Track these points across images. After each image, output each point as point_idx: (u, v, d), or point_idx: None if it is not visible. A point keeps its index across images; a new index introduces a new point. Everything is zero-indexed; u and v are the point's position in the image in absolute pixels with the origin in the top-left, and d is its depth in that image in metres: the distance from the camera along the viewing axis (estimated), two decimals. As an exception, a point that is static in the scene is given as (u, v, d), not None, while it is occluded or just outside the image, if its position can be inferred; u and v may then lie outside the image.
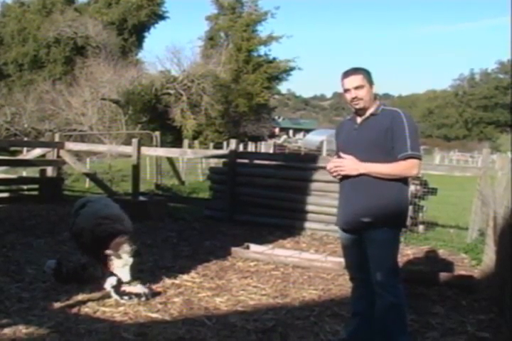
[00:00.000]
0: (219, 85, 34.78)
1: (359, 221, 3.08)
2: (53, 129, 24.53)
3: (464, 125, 65.11)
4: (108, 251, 4.19)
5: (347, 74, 3.16)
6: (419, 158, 3.07)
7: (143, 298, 4.12)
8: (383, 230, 3.07)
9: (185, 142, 18.50)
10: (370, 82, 3.16)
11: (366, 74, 3.16)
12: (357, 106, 3.15)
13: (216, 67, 34.82)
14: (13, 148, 19.14)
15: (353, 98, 3.12)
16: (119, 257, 4.18)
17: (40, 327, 3.50)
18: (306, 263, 5.47)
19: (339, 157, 3.20)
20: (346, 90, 3.16)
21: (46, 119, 29.98)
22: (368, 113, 3.17)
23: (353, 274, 3.35)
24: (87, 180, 12.56)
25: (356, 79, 3.12)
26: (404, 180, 3.14)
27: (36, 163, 9.99)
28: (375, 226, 3.06)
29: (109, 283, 4.14)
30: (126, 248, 4.18)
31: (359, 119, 3.21)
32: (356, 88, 3.11)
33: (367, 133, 3.12)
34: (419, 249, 6.49)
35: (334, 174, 3.16)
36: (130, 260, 4.20)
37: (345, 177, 3.14)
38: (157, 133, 14.44)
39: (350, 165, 3.08)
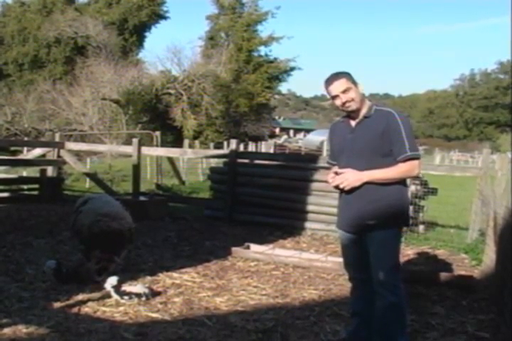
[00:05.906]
0: (219, 85, 34.78)
1: (364, 224, 3.08)
2: (54, 129, 24.55)
3: (465, 125, 65.12)
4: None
5: (329, 81, 3.13)
6: (418, 157, 3.08)
7: (143, 298, 4.12)
8: (385, 229, 3.08)
9: (186, 142, 18.51)
10: (355, 83, 3.13)
11: (348, 76, 3.13)
12: (349, 109, 3.11)
13: (217, 67, 34.84)
14: (13, 148, 19.15)
15: (344, 102, 3.10)
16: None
17: (40, 327, 3.49)
18: (306, 263, 5.46)
19: (337, 166, 3.20)
20: (334, 97, 3.13)
21: (46, 119, 30.03)
22: (361, 115, 3.14)
23: (352, 274, 3.34)
24: (88, 179, 12.56)
25: (341, 84, 3.09)
26: (402, 181, 3.14)
27: (36, 162, 9.99)
28: (378, 227, 3.07)
29: (109, 282, 4.14)
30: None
31: (353, 122, 3.17)
32: (344, 92, 3.09)
33: (362, 137, 3.09)
34: (419, 249, 6.49)
35: (340, 188, 3.11)
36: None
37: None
38: (157, 133, 14.43)
39: (352, 177, 3.04)
